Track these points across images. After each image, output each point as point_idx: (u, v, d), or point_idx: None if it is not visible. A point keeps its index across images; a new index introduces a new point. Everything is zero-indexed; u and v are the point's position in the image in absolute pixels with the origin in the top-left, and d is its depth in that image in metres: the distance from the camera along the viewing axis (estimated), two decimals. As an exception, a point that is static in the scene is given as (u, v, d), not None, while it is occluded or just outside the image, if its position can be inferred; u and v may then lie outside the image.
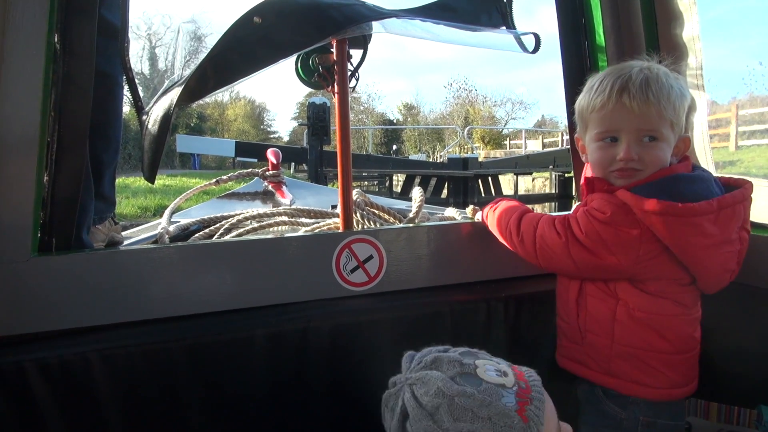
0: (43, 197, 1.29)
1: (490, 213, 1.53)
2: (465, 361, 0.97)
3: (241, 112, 43.14)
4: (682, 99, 1.24)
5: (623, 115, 1.23)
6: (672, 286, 1.28)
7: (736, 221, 1.23)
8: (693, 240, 1.19)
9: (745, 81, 5.43)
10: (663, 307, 1.28)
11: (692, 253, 1.21)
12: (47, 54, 1.23)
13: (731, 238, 1.23)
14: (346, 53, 1.60)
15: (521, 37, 1.76)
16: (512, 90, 64.70)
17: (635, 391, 1.30)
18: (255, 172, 2.60)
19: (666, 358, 1.30)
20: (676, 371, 1.31)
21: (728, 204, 1.20)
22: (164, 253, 1.37)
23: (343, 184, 1.61)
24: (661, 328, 1.28)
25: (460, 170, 15.47)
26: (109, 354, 1.26)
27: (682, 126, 1.25)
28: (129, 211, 9.17)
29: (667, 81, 1.23)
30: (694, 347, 1.34)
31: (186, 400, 1.34)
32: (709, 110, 1.62)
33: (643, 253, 1.21)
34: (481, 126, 32.95)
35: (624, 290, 1.29)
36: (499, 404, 0.90)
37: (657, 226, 1.19)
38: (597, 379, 1.35)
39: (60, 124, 1.28)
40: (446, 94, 40.13)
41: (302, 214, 1.97)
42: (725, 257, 1.24)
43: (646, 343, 1.29)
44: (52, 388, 1.22)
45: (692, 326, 1.32)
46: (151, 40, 5.02)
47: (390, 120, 42.28)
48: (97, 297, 1.30)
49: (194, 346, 1.33)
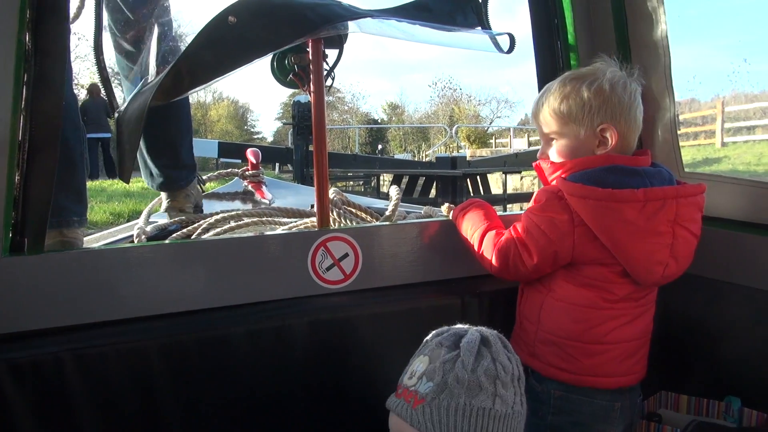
0: (15, 197, 1.28)
1: (459, 217, 1.56)
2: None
3: (225, 113, 42.84)
4: (577, 97, 1.33)
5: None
6: (605, 275, 1.33)
7: (667, 215, 1.27)
8: (613, 225, 1.26)
9: (731, 78, 5.57)
10: (586, 299, 1.34)
11: (614, 239, 1.28)
12: (18, 53, 1.22)
13: (659, 230, 1.28)
14: (322, 53, 1.61)
15: (496, 37, 1.79)
16: (497, 89, 64.66)
17: (551, 373, 1.39)
18: (234, 172, 2.60)
19: (583, 347, 1.35)
20: (591, 360, 1.35)
21: (657, 197, 1.26)
22: (140, 253, 1.36)
23: (318, 182, 1.62)
24: (580, 318, 1.35)
25: (449, 169, 15.33)
26: (83, 354, 1.26)
27: (589, 120, 1.32)
28: (100, 218, 8.13)
29: (560, 84, 1.37)
30: (620, 342, 1.36)
31: (161, 399, 1.33)
32: (688, 108, 1.66)
33: (577, 237, 1.30)
34: (469, 125, 32.89)
35: (555, 281, 1.38)
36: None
37: (580, 210, 1.28)
38: (524, 360, 1.41)
39: (32, 124, 1.27)
40: (431, 93, 40.14)
41: (280, 213, 1.98)
42: (652, 248, 1.28)
43: (564, 331, 1.36)
44: (24, 389, 1.21)
45: (617, 321, 1.35)
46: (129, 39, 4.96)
47: (374, 119, 42.18)
48: (71, 297, 1.29)
49: (169, 345, 1.33)
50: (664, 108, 1.64)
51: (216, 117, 42.10)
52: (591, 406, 1.37)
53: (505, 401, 0.99)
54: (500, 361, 1.01)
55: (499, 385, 0.99)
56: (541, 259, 1.34)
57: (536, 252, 1.34)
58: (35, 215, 1.31)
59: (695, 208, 1.33)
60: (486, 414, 0.98)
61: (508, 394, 1.00)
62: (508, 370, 1.01)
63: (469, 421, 0.97)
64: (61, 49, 1.31)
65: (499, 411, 0.98)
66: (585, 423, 1.38)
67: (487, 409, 0.98)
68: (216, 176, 2.53)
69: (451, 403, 0.97)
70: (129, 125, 1.45)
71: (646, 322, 1.41)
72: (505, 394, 1.00)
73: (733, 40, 5.85)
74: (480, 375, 0.99)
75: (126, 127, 1.46)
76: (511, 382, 1.01)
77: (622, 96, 1.32)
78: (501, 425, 0.99)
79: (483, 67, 64.74)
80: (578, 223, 1.29)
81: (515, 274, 1.40)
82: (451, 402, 0.97)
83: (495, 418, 0.98)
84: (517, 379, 1.03)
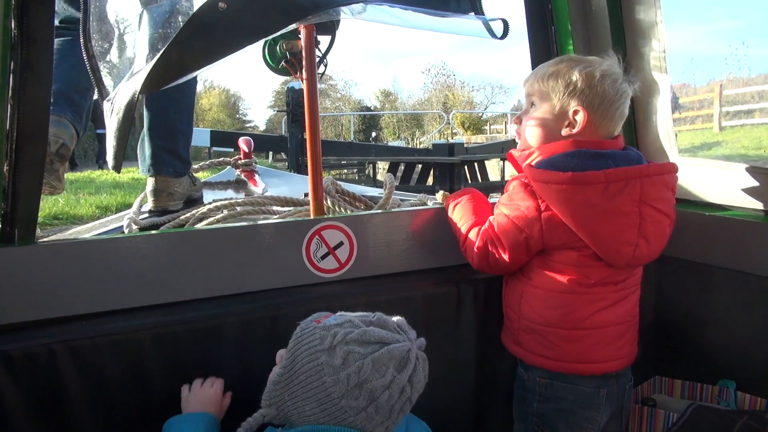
0: (4, 188, 1.26)
1: (451, 207, 1.57)
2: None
3: (216, 102, 42.52)
4: (566, 76, 1.34)
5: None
6: (577, 259, 1.34)
7: (630, 195, 1.28)
8: (577, 208, 1.28)
9: (728, 62, 5.47)
10: (560, 284, 1.36)
11: (579, 221, 1.29)
12: (4, 40, 1.20)
13: (623, 210, 1.28)
14: (314, 39, 1.59)
15: (490, 22, 1.77)
16: (490, 74, 64.28)
17: (534, 360, 1.42)
18: (227, 161, 2.57)
19: (563, 333, 1.37)
20: (572, 346, 1.37)
21: (619, 178, 1.26)
22: (132, 243, 1.35)
23: (313, 170, 1.61)
24: (556, 304, 1.37)
25: (446, 156, 15.12)
26: (76, 345, 1.25)
27: (567, 99, 1.34)
28: (86, 211, 7.58)
29: (557, 61, 1.40)
30: (601, 327, 1.37)
31: (155, 389, 1.33)
32: (684, 93, 1.65)
33: (545, 222, 1.32)
34: (464, 111, 32.66)
35: (531, 269, 1.41)
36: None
37: (544, 195, 1.31)
38: (511, 349, 1.50)
39: (19, 113, 1.25)
40: (424, 80, 39.79)
41: (274, 202, 1.96)
42: (617, 228, 1.29)
43: (543, 318, 1.39)
44: (16, 381, 1.20)
45: (596, 305, 1.36)
46: (119, 27, 4.85)
47: (367, 107, 41.93)
48: (63, 288, 1.28)
49: (163, 336, 1.32)
50: (659, 93, 1.63)
51: (207, 106, 41.78)
52: (575, 393, 1.38)
53: (338, 385, 0.99)
54: (392, 382, 0.99)
55: (355, 381, 0.98)
56: (513, 250, 1.37)
57: (508, 244, 1.37)
58: (25, 206, 1.30)
59: (663, 187, 1.33)
60: (318, 371, 1.01)
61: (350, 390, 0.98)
62: (385, 393, 0.99)
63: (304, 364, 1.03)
64: (48, 37, 1.28)
65: (327, 383, 0.99)
66: (570, 410, 1.39)
67: (322, 371, 1.00)
68: (208, 165, 2.51)
69: (312, 342, 1.03)
70: (119, 113, 1.42)
71: (629, 306, 1.41)
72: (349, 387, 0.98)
73: (731, 23, 5.74)
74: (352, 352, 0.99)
75: (116, 115, 1.44)
76: (366, 396, 0.99)
77: (607, 89, 1.33)
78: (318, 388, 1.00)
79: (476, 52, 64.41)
80: (545, 209, 1.32)
81: (496, 268, 1.43)
82: (312, 342, 1.03)
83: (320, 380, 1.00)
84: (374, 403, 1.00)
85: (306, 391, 1.02)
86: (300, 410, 1.02)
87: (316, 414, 1.00)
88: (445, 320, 1.54)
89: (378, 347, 1.00)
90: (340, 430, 1.00)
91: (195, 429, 1.23)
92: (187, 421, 1.25)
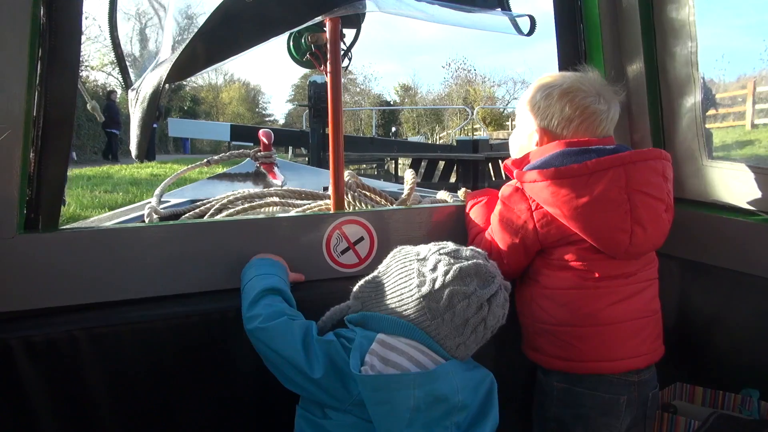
0: (29, 174, 1.27)
1: (469, 205, 1.59)
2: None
3: (236, 95, 42.79)
4: (533, 101, 1.45)
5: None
6: (577, 253, 1.35)
7: (616, 182, 1.29)
8: (564, 201, 1.30)
9: (762, 57, 5.23)
10: (567, 281, 1.36)
11: (568, 214, 1.31)
12: (32, 28, 1.21)
13: (610, 197, 1.29)
14: (340, 32, 1.58)
15: (516, 19, 1.74)
16: (513, 69, 63.45)
17: (552, 364, 1.41)
18: (246, 153, 2.57)
19: (577, 331, 1.36)
20: (588, 344, 1.35)
21: (601, 167, 1.29)
22: (153, 232, 1.36)
23: (334, 164, 1.60)
24: (565, 302, 1.36)
25: (471, 153, 14.72)
26: (97, 333, 1.26)
27: (533, 116, 1.45)
28: (97, 215, 6.98)
29: (531, 87, 1.48)
30: (616, 322, 1.35)
31: (175, 379, 1.33)
32: (715, 90, 1.61)
33: (537, 221, 1.36)
34: (488, 106, 32.29)
35: (536, 270, 1.42)
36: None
37: (533, 194, 1.35)
38: (528, 355, 1.48)
39: (46, 100, 1.26)
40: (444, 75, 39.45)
41: (293, 195, 1.96)
42: (607, 216, 1.30)
43: (553, 318, 1.38)
44: (39, 367, 1.22)
45: (606, 299, 1.35)
46: (140, 20, 4.87)
47: (387, 101, 41.82)
48: (84, 275, 1.29)
49: (182, 326, 1.32)
50: (689, 94, 1.59)
51: (227, 99, 42.08)
52: (594, 400, 1.36)
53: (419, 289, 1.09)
54: (472, 296, 1.07)
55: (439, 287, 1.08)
56: (511, 253, 1.40)
57: (505, 248, 1.40)
58: (50, 192, 1.31)
59: (651, 173, 1.33)
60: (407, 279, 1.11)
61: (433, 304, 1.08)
62: (467, 309, 1.07)
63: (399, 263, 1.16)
64: (76, 25, 1.29)
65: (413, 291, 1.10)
66: (589, 416, 1.37)
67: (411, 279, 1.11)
68: (227, 157, 2.51)
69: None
70: (143, 103, 1.43)
71: (645, 300, 1.39)
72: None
73: (765, 17, 5.60)
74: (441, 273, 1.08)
75: (140, 104, 1.44)
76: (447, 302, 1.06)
77: (565, 107, 1.40)
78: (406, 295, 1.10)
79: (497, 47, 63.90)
80: (536, 208, 1.36)
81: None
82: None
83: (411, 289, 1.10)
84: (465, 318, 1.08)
85: (394, 290, 1.12)
86: (383, 308, 1.12)
87: (397, 311, 1.10)
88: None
89: (467, 261, 1.09)
90: (419, 332, 1.07)
91: (272, 271, 1.31)
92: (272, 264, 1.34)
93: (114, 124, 17.00)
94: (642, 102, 1.67)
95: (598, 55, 1.72)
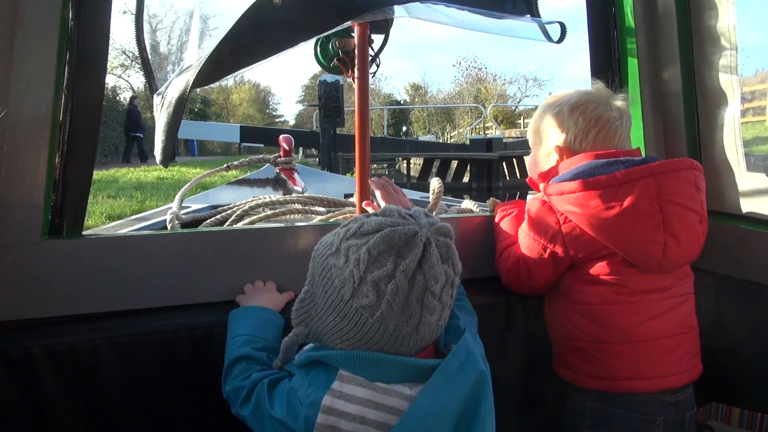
0: (55, 179, 1.25)
1: (499, 215, 1.56)
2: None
3: (246, 97, 43.01)
4: (544, 122, 1.45)
5: None
6: (608, 267, 1.31)
7: (646, 192, 1.26)
8: (593, 213, 1.27)
9: None
10: (600, 296, 1.32)
11: (598, 226, 1.28)
12: (61, 30, 1.19)
13: (640, 208, 1.25)
14: (368, 38, 1.55)
15: (546, 25, 1.71)
16: (524, 66, 62.97)
17: (584, 382, 1.36)
18: (266, 158, 2.55)
19: (611, 349, 1.32)
20: (623, 362, 1.31)
21: (630, 179, 1.26)
22: (175, 240, 1.33)
23: (360, 172, 1.57)
24: (598, 317, 1.32)
25: (485, 152, 14.47)
26: (119, 342, 1.23)
27: (547, 135, 1.45)
28: (93, 221, 6.56)
29: (539, 110, 1.49)
30: (651, 339, 1.31)
31: (197, 391, 1.30)
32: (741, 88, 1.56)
33: (566, 234, 1.32)
34: (500, 104, 31.97)
35: (568, 286, 1.38)
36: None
37: (561, 206, 1.31)
38: (560, 373, 1.44)
39: (73, 104, 1.24)
40: (455, 73, 39.14)
41: (316, 202, 1.93)
42: (637, 227, 1.26)
43: (586, 334, 1.34)
44: (60, 375, 1.19)
45: (640, 315, 1.31)
46: (151, 23, 4.78)
47: (397, 101, 41.72)
48: (107, 283, 1.27)
49: (205, 336, 1.30)
50: (727, 104, 1.55)
51: (238, 101, 42.32)
52: (629, 420, 1.31)
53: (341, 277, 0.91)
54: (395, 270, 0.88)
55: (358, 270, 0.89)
56: (540, 268, 1.36)
57: (534, 263, 1.37)
58: (75, 198, 1.29)
59: (683, 183, 1.29)
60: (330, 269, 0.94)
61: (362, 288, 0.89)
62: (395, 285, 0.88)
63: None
64: (105, 28, 1.27)
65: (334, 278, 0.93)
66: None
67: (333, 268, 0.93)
68: (248, 162, 2.49)
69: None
70: (169, 108, 1.41)
71: (682, 316, 1.35)
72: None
73: None
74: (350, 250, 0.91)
75: (166, 109, 1.42)
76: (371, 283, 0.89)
77: (578, 120, 1.38)
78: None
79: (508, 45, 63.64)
80: (564, 221, 1.32)
81: (528, 289, 1.43)
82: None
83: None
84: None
85: (325, 300, 0.94)
86: (324, 323, 0.95)
87: (338, 323, 0.93)
88: (493, 334, 1.48)
89: (373, 235, 0.90)
90: (358, 354, 0.92)
91: (251, 323, 1.21)
92: (244, 315, 1.24)
93: (137, 128, 17.59)
94: (678, 112, 1.63)
95: (632, 62, 1.68)
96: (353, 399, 0.91)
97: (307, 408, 0.93)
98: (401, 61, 71.27)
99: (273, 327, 1.23)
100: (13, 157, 1.18)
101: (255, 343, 1.17)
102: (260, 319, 1.23)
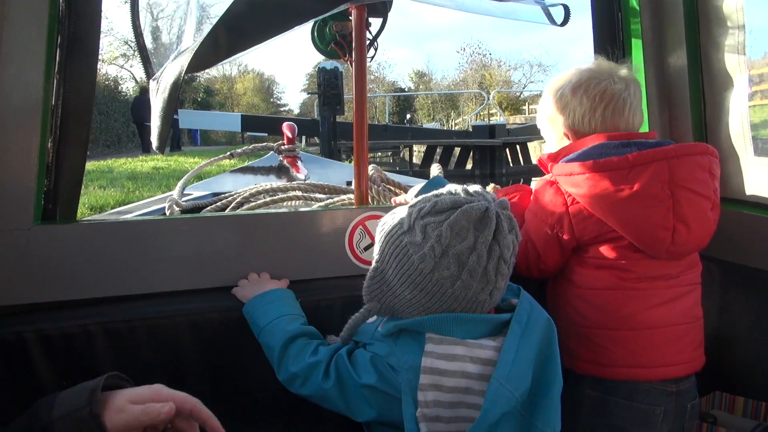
0: (47, 164, 1.24)
1: None
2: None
3: (250, 86, 42.88)
4: (549, 107, 1.43)
5: None
6: (614, 251, 1.29)
7: (658, 177, 1.23)
8: (602, 194, 1.24)
9: None
10: (603, 281, 1.30)
11: (606, 208, 1.25)
12: (51, 13, 1.17)
13: (652, 193, 1.23)
14: (365, 21, 1.53)
15: (549, 8, 1.67)
16: (528, 52, 62.17)
17: (584, 368, 1.33)
18: (270, 146, 2.54)
19: (613, 335, 1.29)
20: (624, 349, 1.29)
21: (642, 161, 1.23)
22: (172, 225, 1.32)
23: (358, 158, 1.55)
24: (601, 303, 1.30)
25: (487, 139, 14.27)
26: (112, 327, 1.23)
27: (555, 121, 1.42)
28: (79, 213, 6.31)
29: (543, 97, 1.47)
30: (655, 327, 1.29)
31: (190, 376, 1.30)
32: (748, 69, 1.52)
33: (573, 215, 1.30)
34: (505, 90, 31.64)
35: (570, 268, 1.36)
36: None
37: (569, 187, 1.29)
38: (563, 362, 1.40)
39: (65, 88, 1.23)
40: (459, 60, 38.72)
41: (316, 189, 1.92)
42: (647, 212, 1.23)
43: (589, 320, 1.32)
44: (53, 360, 1.19)
45: (644, 302, 1.28)
46: (152, 12, 4.71)
47: (401, 88, 41.41)
48: (101, 268, 1.26)
49: (200, 322, 1.29)
50: (734, 88, 1.51)
51: (242, 90, 42.19)
52: (628, 410, 1.29)
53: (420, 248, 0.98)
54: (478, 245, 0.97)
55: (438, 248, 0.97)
56: (547, 249, 1.34)
57: (541, 244, 1.34)
58: (68, 183, 1.28)
59: (697, 168, 1.26)
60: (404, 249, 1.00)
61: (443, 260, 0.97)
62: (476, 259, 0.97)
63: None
64: (96, 11, 1.25)
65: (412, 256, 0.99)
66: (621, 426, 1.31)
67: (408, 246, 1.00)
68: (251, 150, 2.47)
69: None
70: (164, 93, 1.39)
71: (688, 305, 1.32)
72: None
73: None
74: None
75: (161, 94, 1.40)
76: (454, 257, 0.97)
77: (583, 99, 1.35)
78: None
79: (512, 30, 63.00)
80: (572, 202, 1.30)
81: (537, 272, 1.40)
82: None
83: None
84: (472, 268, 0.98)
85: (400, 276, 1.01)
86: (400, 297, 1.03)
87: (416, 296, 1.00)
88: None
89: (452, 212, 0.98)
90: (452, 319, 0.99)
91: (281, 304, 1.25)
92: (272, 300, 1.27)
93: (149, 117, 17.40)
94: (684, 95, 1.59)
95: (637, 44, 1.64)
96: (450, 357, 0.97)
97: (407, 372, 0.98)
98: (405, 48, 70.78)
99: (299, 305, 1.29)
100: (4, 142, 1.16)
101: (300, 320, 1.25)
102: (288, 299, 1.28)
